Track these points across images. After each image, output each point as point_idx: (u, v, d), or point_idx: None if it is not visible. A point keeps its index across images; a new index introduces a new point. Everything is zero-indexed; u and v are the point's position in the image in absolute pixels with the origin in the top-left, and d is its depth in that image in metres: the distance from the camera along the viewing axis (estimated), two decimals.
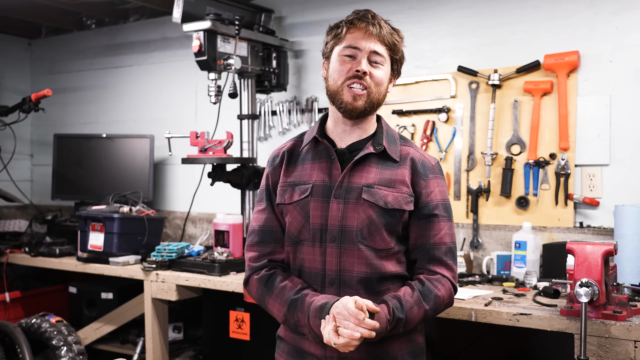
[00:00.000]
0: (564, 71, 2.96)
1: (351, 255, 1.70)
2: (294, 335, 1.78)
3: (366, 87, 1.71)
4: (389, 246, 1.72)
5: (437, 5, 3.35)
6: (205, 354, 3.16)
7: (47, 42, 5.05)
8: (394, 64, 1.79)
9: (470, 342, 3.06)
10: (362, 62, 1.70)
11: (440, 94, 3.30)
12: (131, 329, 3.60)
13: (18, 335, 3.28)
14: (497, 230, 3.14)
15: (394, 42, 1.75)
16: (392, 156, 1.76)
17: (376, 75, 1.73)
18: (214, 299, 3.03)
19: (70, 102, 4.84)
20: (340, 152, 1.77)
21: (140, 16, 4.47)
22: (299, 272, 1.78)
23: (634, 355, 2.03)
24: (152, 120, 4.37)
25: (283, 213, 1.81)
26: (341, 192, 1.72)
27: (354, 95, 1.70)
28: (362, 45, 1.71)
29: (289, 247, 1.80)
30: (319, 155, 1.79)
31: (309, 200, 1.74)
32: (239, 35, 3.19)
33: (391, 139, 1.80)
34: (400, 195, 1.72)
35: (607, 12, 2.92)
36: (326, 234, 1.72)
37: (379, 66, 1.73)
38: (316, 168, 1.78)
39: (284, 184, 1.81)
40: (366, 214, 1.70)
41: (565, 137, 2.96)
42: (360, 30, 1.72)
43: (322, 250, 1.72)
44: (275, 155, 1.89)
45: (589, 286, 2.02)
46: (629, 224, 2.62)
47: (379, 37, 1.72)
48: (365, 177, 1.73)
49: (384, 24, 1.74)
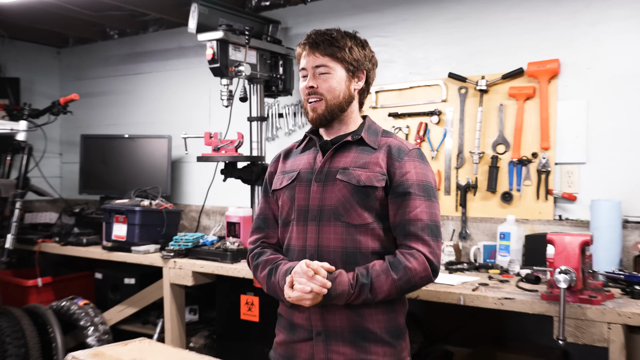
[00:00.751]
0: (546, 77, 2.96)
1: (328, 232, 1.73)
2: (287, 309, 1.83)
3: (319, 97, 1.78)
4: (365, 221, 1.73)
5: (430, 17, 3.35)
6: (218, 333, 3.18)
7: (74, 51, 5.06)
8: (348, 67, 1.80)
9: (459, 323, 3.07)
10: (308, 79, 1.80)
11: (432, 98, 3.30)
12: (151, 311, 3.61)
13: (49, 317, 3.30)
14: (484, 223, 3.14)
15: (332, 52, 1.78)
16: (370, 144, 1.79)
17: (324, 85, 1.78)
18: (226, 284, 3.05)
19: (95, 105, 4.85)
20: (323, 143, 1.84)
21: (158, 27, 4.48)
22: (286, 250, 1.84)
23: (608, 336, 2.04)
24: (170, 122, 4.38)
25: (277, 199, 1.88)
26: (321, 177, 1.77)
27: (312, 108, 1.80)
28: (307, 64, 1.80)
29: (281, 229, 1.88)
30: (308, 148, 1.88)
31: (295, 184, 1.81)
32: (249, 45, 3.19)
33: (372, 132, 1.84)
34: (372, 174, 1.73)
35: (585, 24, 2.92)
36: (308, 214, 1.76)
37: (326, 76, 1.78)
38: (304, 158, 1.85)
39: (278, 175, 1.90)
40: (341, 193, 1.73)
41: (546, 137, 2.96)
42: (304, 51, 1.81)
43: (304, 229, 1.77)
44: (276, 155, 1.99)
45: (567, 273, 2.03)
46: (604, 217, 2.63)
47: (318, 52, 1.78)
48: (343, 162, 1.78)
49: (322, 39, 1.78)
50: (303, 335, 1.77)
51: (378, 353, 1.73)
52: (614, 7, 2.84)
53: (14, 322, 3.24)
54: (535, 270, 2.47)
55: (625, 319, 2.02)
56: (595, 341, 2.06)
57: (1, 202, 3.64)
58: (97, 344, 3.25)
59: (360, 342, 1.72)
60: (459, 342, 3.12)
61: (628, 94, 2.81)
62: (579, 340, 2.09)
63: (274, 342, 1.90)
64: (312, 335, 1.75)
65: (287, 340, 1.82)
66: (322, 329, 1.73)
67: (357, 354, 1.71)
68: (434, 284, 2.45)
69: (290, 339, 1.81)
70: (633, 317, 2.00)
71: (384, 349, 1.73)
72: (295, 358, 1.79)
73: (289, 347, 1.81)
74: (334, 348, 1.72)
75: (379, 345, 1.73)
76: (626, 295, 2.23)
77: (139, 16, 4.34)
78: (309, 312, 1.74)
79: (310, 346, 1.75)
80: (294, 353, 1.79)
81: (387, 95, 3.42)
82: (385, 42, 3.45)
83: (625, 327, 2.03)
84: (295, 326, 1.79)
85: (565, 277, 2.02)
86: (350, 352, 1.71)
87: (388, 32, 3.45)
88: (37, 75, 4.95)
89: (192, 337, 3.42)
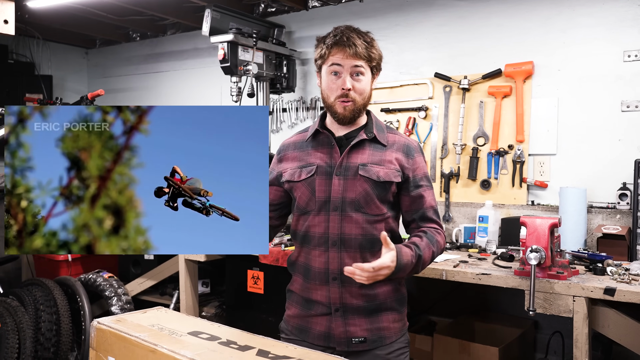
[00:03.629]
0: (521, 78, 2.95)
1: (349, 221, 1.71)
2: (302, 287, 1.79)
3: (352, 99, 1.71)
4: (382, 212, 1.73)
5: (418, 23, 3.33)
6: (228, 304, 3.18)
7: (100, 51, 5.03)
8: (372, 69, 1.76)
9: (442, 296, 3.08)
10: (345, 80, 1.69)
11: (420, 95, 3.29)
12: (168, 284, 3.62)
13: (78, 288, 3.31)
14: (465, 207, 3.14)
15: (369, 55, 1.71)
16: (381, 141, 1.77)
17: (358, 87, 1.71)
18: (235, 260, 3.05)
19: (119, 100, 4.83)
20: (338, 139, 1.78)
21: (176, 30, 4.45)
22: (303, 235, 1.78)
23: (572, 307, 2.04)
24: None
25: (292, 189, 1.81)
26: (341, 171, 1.73)
27: (344, 107, 1.71)
28: (344, 63, 1.69)
29: (297, 216, 1.81)
30: (321, 143, 1.79)
31: (314, 178, 1.75)
32: (256, 46, 3.18)
33: (379, 128, 1.81)
34: (389, 170, 1.72)
35: (556, 30, 2.90)
36: (329, 204, 1.72)
37: (360, 77, 1.71)
38: (319, 153, 1.78)
39: (293, 167, 1.80)
40: (362, 187, 1.71)
41: (521, 131, 2.95)
42: (339, 52, 1.69)
43: (326, 217, 1.73)
44: (285, 145, 1.89)
45: (537, 252, 2.03)
46: (571, 202, 2.63)
47: (355, 55, 1.68)
48: (360, 158, 1.74)
49: (358, 41, 1.69)
50: (321, 310, 1.75)
51: (389, 320, 1.75)
52: (582, 16, 2.83)
53: (47, 292, 3.25)
54: (510, 249, 2.47)
55: (588, 292, 2.02)
56: (561, 312, 2.07)
57: None
58: (120, 312, 3.26)
59: (373, 313, 1.73)
60: (442, 313, 3.13)
61: (594, 93, 2.80)
62: (547, 311, 2.10)
63: (286, 315, 1.86)
64: (330, 310, 1.73)
65: (302, 314, 1.79)
66: (339, 305, 1.72)
67: (371, 323, 1.73)
68: None
69: (306, 312, 1.78)
70: (595, 291, 2.01)
71: (393, 316, 1.75)
72: (311, 330, 1.77)
73: (303, 320, 1.79)
74: (350, 321, 1.72)
75: (389, 313, 1.75)
76: (589, 272, 2.24)
77: (159, 20, 4.32)
78: (328, 291, 1.72)
79: (327, 320, 1.74)
80: (309, 325, 1.77)
81: (380, 93, 3.40)
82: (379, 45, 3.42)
83: (588, 299, 2.04)
84: (313, 302, 1.76)
85: (536, 255, 2.02)
86: (365, 322, 1.72)
87: (381, 36, 3.43)
88: (68, 73, 4.94)
89: (204, 307, 3.43)
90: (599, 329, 2.11)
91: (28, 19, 3.80)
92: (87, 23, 4.29)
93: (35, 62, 4.58)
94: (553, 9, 2.90)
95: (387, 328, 1.74)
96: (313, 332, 1.76)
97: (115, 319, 1.33)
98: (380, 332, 1.73)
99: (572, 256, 2.39)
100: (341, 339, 1.72)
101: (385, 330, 1.73)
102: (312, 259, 1.74)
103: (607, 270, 2.18)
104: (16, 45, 4.49)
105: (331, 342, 1.73)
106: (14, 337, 2.94)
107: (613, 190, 2.71)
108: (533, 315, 1.98)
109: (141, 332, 1.23)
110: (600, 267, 2.20)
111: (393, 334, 1.75)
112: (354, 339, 1.71)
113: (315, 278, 1.74)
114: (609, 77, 2.76)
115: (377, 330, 1.73)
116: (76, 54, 5.03)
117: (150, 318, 1.35)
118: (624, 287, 1.99)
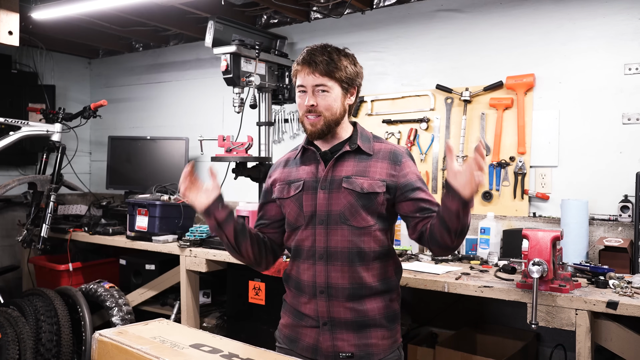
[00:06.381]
0: (522, 90, 2.96)
1: (335, 234, 1.72)
2: (293, 299, 1.82)
3: (318, 114, 1.72)
4: (368, 224, 1.72)
5: (420, 35, 3.35)
6: (229, 315, 3.17)
7: (103, 61, 5.05)
8: (344, 85, 1.75)
9: (443, 308, 3.07)
10: (308, 97, 1.72)
11: (421, 107, 3.29)
12: (169, 294, 3.60)
13: (79, 298, 3.30)
14: None
15: (331, 71, 1.71)
16: (365, 151, 1.77)
17: (323, 103, 1.72)
18: (236, 271, 3.04)
19: (122, 110, 4.84)
20: (323, 154, 1.80)
21: (178, 41, 4.47)
22: (296, 250, 1.80)
23: (575, 321, 2.04)
24: (187, 125, 4.38)
25: (282, 206, 1.83)
26: (326, 184, 1.74)
27: (311, 123, 1.74)
28: (306, 82, 1.72)
29: (289, 231, 1.84)
30: (308, 159, 1.82)
31: (302, 194, 1.77)
32: (259, 58, 3.19)
33: (365, 138, 1.81)
34: (373, 181, 1.72)
35: (557, 43, 2.91)
36: (315, 218, 1.74)
37: (325, 94, 1.72)
38: (306, 168, 1.80)
39: (282, 183, 1.83)
40: (347, 199, 1.71)
41: (522, 143, 2.96)
42: (303, 70, 1.72)
43: (312, 232, 1.74)
44: (276, 164, 1.93)
45: (539, 265, 2.03)
46: (573, 215, 2.63)
47: (318, 72, 1.70)
48: (344, 170, 1.75)
49: (320, 59, 1.70)
50: (310, 323, 1.76)
51: (377, 337, 1.73)
52: (582, 29, 2.84)
53: (47, 302, 3.25)
54: (512, 261, 2.47)
55: (590, 305, 2.01)
56: (564, 325, 2.06)
57: (38, 195, 3.67)
58: (120, 322, 3.25)
59: (361, 328, 1.72)
60: (443, 324, 3.12)
61: (595, 105, 2.81)
62: (549, 324, 2.09)
63: (280, 323, 1.89)
64: (319, 324, 1.74)
65: (293, 324, 1.81)
66: (327, 319, 1.72)
67: (359, 338, 1.72)
68: (421, 273, 2.44)
69: (296, 323, 1.79)
70: (597, 304, 2.00)
71: (382, 333, 1.74)
72: (300, 341, 1.78)
73: (293, 330, 1.80)
74: (338, 335, 1.72)
75: (378, 330, 1.74)
76: (591, 285, 2.23)
77: (162, 31, 4.34)
78: (316, 304, 1.73)
79: (316, 332, 1.74)
80: (298, 336, 1.79)
81: (382, 104, 3.41)
82: (381, 56, 3.44)
83: (590, 312, 2.03)
84: (302, 315, 1.78)
85: (538, 268, 2.02)
86: (353, 338, 1.72)
87: (383, 47, 3.45)
88: (71, 82, 4.95)
89: (205, 318, 3.42)
90: (601, 343, 2.10)
91: (32, 29, 3.82)
92: (90, 33, 4.32)
93: (39, 72, 4.60)
94: (554, 22, 2.92)
95: (375, 345, 1.73)
96: (302, 343, 1.77)
97: (117, 331, 1.33)
98: (368, 349, 1.72)
99: (574, 269, 2.38)
100: (329, 352, 1.72)
101: (373, 347, 1.73)
102: (302, 273, 1.77)
103: (610, 283, 2.17)
104: (19, 55, 4.52)
105: (318, 355, 1.74)
106: (14, 347, 2.93)
107: (615, 202, 2.71)
108: (535, 328, 1.97)
109: (143, 344, 1.23)
110: (603, 280, 2.19)
111: (382, 350, 1.74)
112: (341, 353, 1.72)
113: (304, 291, 1.76)
114: (610, 90, 2.77)
115: (365, 347, 1.72)
116: (79, 64, 5.05)
117: (152, 330, 1.35)
118: (627, 301, 1.98)
